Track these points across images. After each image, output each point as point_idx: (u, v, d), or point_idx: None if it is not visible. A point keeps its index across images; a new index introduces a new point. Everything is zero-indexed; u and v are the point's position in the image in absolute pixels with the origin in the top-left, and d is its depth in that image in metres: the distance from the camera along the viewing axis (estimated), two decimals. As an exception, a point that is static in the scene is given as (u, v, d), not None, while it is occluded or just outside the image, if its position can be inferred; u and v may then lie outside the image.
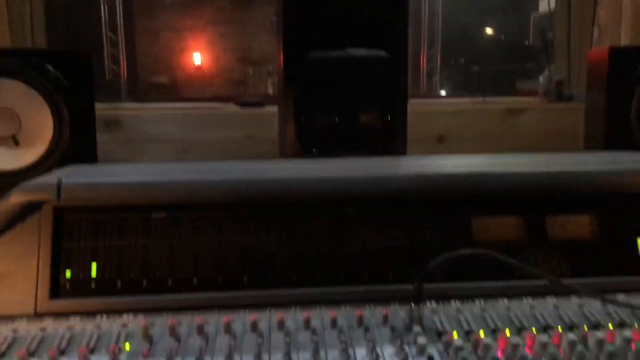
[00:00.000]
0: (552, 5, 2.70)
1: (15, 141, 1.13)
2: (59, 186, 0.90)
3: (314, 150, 1.14)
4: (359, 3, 1.23)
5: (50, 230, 0.90)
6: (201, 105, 2.35)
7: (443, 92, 6.39)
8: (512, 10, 6.58)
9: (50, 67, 1.10)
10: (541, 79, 2.56)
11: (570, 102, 2.24)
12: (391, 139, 1.16)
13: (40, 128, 1.12)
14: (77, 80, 1.14)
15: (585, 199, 0.99)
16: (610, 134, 1.26)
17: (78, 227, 0.92)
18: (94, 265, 0.91)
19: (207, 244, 0.93)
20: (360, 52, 1.17)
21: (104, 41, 6.05)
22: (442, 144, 2.17)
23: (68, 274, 0.90)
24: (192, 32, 7.59)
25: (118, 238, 0.92)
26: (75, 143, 1.11)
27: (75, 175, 0.96)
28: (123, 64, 6.25)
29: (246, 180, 0.94)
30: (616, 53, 1.27)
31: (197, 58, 7.96)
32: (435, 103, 2.58)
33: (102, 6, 5.96)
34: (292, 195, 0.94)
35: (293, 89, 1.15)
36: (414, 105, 2.20)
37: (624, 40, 2.11)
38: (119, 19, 6.22)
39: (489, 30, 6.88)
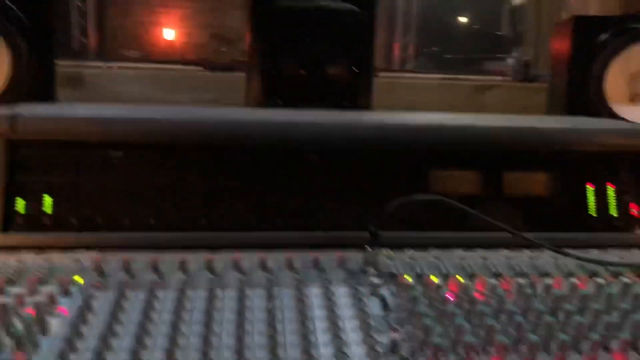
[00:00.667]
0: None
1: (-29, 80, 1.10)
2: (12, 118, 0.87)
3: (278, 101, 1.14)
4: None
5: (4, 164, 0.88)
6: (170, 67, 2.32)
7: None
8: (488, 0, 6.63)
9: (10, 4, 1.07)
10: (509, 60, 2.60)
11: (537, 82, 2.28)
12: (357, 92, 1.17)
13: (-2, 67, 1.09)
14: (38, 18, 1.11)
15: (542, 156, 1.01)
16: (572, 103, 1.29)
17: (33, 161, 0.90)
18: (48, 201, 0.90)
19: (165, 184, 0.92)
20: (328, 3, 1.17)
21: (72, 11, 5.87)
22: (409, 117, 2.18)
23: (21, 208, 0.89)
24: (165, 7, 7.46)
25: (74, 175, 0.90)
26: (34, 84, 1.09)
27: (31, 110, 0.93)
28: (92, 36, 6.10)
29: (206, 120, 0.93)
30: (580, 22, 1.30)
31: (169, 34, 7.84)
32: (404, 77, 2.59)
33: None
34: (252, 138, 0.93)
35: (259, 37, 1.15)
36: (383, 79, 2.21)
37: (591, 22, 2.14)
38: (89, -12, 6.05)
39: (463, 20, 6.95)
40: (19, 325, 0.65)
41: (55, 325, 0.70)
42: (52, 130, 0.89)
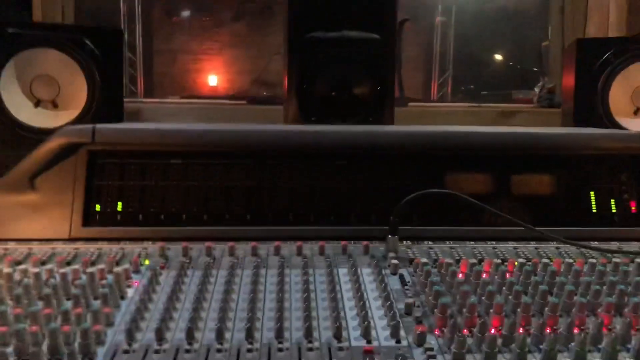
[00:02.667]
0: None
1: (54, 104, 1.30)
2: (93, 130, 1.06)
3: (312, 118, 1.30)
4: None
5: (85, 170, 1.06)
6: (215, 102, 2.53)
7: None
8: (522, 39, 6.71)
9: (86, 40, 1.27)
10: (536, 88, 2.72)
11: (560, 107, 2.39)
12: (381, 109, 1.32)
13: (76, 93, 1.29)
14: (109, 53, 1.31)
15: (546, 160, 1.14)
16: (580, 118, 1.40)
17: (108, 168, 1.08)
18: (120, 201, 1.07)
19: (217, 185, 1.09)
20: (354, 33, 1.34)
21: (123, 61, 6.20)
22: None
23: (98, 207, 1.06)
24: (208, 55, 7.83)
25: (141, 179, 1.08)
26: (105, 108, 1.28)
27: (106, 125, 1.11)
28: (140, 83, 6.47)
29: (251, 131, 1.09)
30: (583, 44, 1.42)
31: (212, 80, 8.20)
32: (432, 106, 2.74)
33: (121, 27, 6.14)
34: (291, 145, 1.09)
35: (296, 65, 1.32)
36: (411, 107, 2.36)
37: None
38: (138, 41, 6.41)
39: (499, 58, 7.03)
40: (103, 289, 0.81)
41: (130, 292, 0.86)
42: (125, 139, 1.07)
